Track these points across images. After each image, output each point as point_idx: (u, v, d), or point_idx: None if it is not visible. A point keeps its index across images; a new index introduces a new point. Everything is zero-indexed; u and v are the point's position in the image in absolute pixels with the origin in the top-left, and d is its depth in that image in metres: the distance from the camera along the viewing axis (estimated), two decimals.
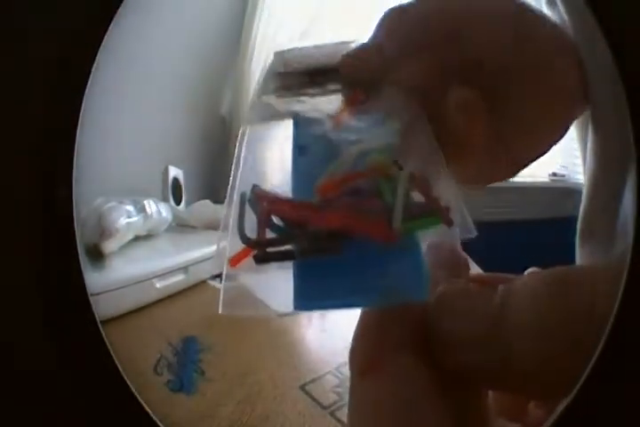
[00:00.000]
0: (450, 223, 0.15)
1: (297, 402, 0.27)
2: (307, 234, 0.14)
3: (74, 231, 0.19)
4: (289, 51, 0.21)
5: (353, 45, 0.20)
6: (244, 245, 0.15)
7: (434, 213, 0.15)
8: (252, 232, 0.15)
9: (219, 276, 0.21)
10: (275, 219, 0.15)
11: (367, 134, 0.17)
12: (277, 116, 0.19)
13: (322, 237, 0.14)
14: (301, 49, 0.21)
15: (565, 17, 0.20)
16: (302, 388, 0.29)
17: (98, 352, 0.19)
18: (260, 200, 0.16)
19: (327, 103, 0.19)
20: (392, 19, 0.20)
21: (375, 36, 0.20)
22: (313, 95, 0.20)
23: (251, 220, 0.15)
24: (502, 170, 0.21)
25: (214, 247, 0.15)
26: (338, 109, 0.19)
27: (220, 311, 0.15)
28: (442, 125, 0.18)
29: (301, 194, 0.16)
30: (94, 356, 0.19)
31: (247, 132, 0.18)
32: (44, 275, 0.19)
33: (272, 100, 0.20)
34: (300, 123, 0.19)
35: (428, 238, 0.15)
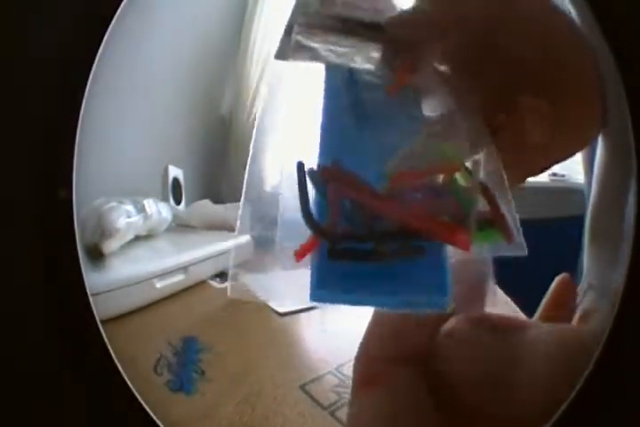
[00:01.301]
0: (510, 240, 0.14)
1: (297, 402, 0.27)
2: (386, 233, 0.13)
3: (74, 231, 0.19)
4: None
5: (396, 4, 0.18)
6: (307, 235, 0.13)
7: (496, 226, 0.14)
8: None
9: (219, 275, 0.21)
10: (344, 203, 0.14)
11: (428, 123, 0.16)
12: (318, 59, 0.17)
13: (401, 239, 0.13)
14: None
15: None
16: (302, 388, 0.29)
17: (98, 352, 0.19)
18: (327, 177, 0.14)
19: (368, 61, 0.17)
20: None
21: (422, 2, 0.18)
22: (350, 47, 0.17)
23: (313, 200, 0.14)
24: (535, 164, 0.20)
25: (215, 247, 0.15)
26: (389, 76, 0.17)
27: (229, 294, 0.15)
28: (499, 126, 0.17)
29: (332, 151, 0.15)
30: (94, 356, 0.19)
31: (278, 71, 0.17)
32: (45, 275, 0.19)
33: (309, 41, 0.17)
34: (354, 75, 0.17)
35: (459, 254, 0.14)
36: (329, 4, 0.17)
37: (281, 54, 0.16)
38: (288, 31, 0.17)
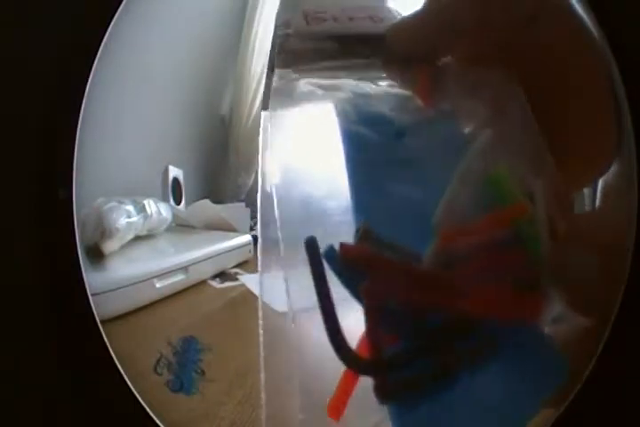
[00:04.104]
0: None
1: (297, 402, 0.27)
2: (444, 331, 0.09)
3: (74, 231, 0.19)
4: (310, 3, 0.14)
5: (396, 10, 0.15)
6: (342, 369, 0.10)
7: None
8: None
9: (219, 276, 0.21)
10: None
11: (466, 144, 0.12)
12: (317, 100, 0.13)
13: (465, 333, 0.09)
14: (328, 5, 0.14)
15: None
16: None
17: (98, 352, 0.19)
18: (354, 263, 0.10)
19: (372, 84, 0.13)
20: None
21: (430, 2, 0.15)
22: (348, 71, 0.13)
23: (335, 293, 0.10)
24: None
25: (215, 247, 0.15)
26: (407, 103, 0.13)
27: None
28: None
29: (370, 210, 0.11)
30: (94, 356, 0.19)
31: (271, 119, 0.13)
32: (44, 275, 0.19)
33: (301, 79, 0.13)
34: (362, 108, 0.13)
35: None
36: (315, 20, 0.14)
37: (264, 103, 0.13)
38: (271, 66, 0.14)
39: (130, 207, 0.32)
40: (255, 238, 0.20)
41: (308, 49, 0.14)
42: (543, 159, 0.13)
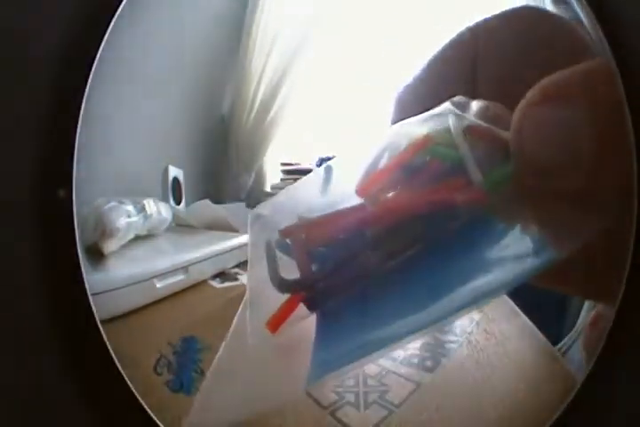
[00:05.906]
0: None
1: (297, 402, 0.27)
2: (369, 242, 0.10)
3: (74, 231, 0.19)
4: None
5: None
6: (283, 298, 0.11)
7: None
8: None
9: (219, 276, 0.20)
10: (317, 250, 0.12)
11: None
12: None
13: (392, 237, 0.10)
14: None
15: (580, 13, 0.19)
16: None
17: (98, 352, 0.19)
18: (293, 235, 0.12)
19: None
20: (405, 101, 0.18)
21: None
22: None
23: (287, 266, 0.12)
24: None
25: (215, 247, 0.15)
26: None
27: None
28: None
29: None
30: (94, 356, 0.19)
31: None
32: (44, 275, 0.19)
33: None
34: None
35: None
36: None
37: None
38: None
39: (130, 207, 0.32)
40: None
41: None
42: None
